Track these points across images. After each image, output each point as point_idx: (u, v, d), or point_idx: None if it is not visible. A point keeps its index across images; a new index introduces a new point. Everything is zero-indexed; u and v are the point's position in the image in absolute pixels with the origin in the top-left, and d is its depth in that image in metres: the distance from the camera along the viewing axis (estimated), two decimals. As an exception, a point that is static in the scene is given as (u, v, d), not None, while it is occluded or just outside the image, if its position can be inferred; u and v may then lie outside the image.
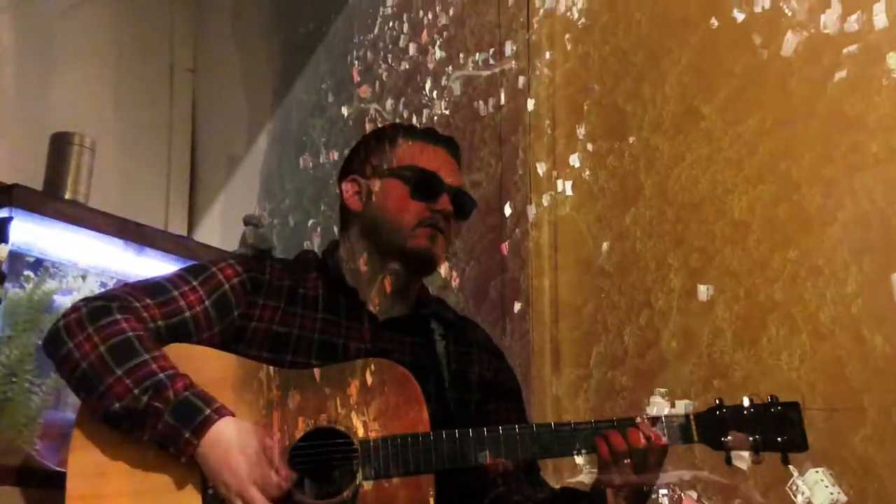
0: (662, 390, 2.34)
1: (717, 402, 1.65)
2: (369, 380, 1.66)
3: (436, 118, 3.13)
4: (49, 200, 2.71)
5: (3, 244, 2.50)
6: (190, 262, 2.56)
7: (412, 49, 3.29)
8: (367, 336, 1.81)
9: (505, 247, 2.84)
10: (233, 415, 1.61)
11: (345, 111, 3.39)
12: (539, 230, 2.80)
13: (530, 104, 2.89)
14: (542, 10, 2.94)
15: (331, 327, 1.80)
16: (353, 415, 1.64)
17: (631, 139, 2.64)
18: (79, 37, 3.60)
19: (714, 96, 2.51)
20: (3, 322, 2.48)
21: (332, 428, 1.64)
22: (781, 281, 2.28)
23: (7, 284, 2.51)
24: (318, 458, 1.63)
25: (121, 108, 3.64)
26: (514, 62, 2.97)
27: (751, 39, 2.45)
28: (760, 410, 1.63)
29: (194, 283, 1.76)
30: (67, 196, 2.85)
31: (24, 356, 2.47)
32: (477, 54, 3.09)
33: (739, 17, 2.47)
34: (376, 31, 3.43)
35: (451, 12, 3.21)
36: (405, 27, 3.34)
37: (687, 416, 1.64)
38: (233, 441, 1.58)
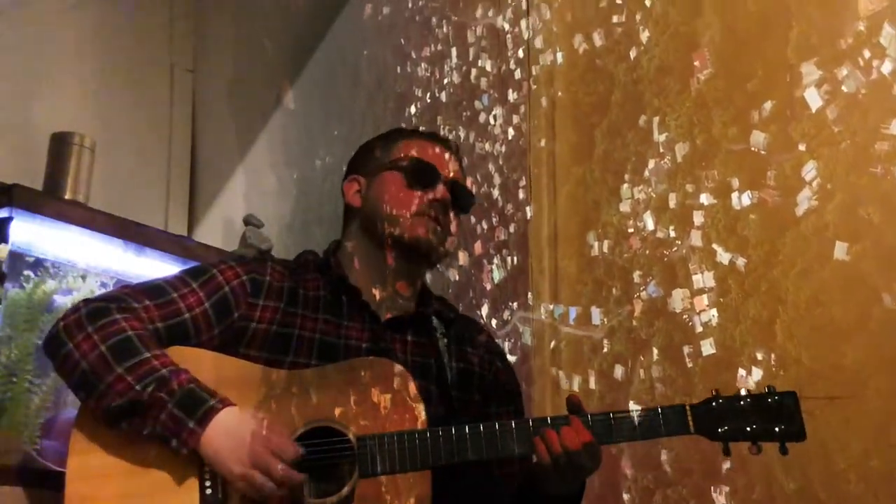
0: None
1: (714, 392, 1.64)
2: (366, 378, 1.67)
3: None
4: (49, 200, 2.71)
5: (3, 244, 2.50)
6: (190, 263, 2.58)
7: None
8: (369, 336, 1.81)
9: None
10: (235, 405, 1.62)
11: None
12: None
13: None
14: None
15: (331, 328, 1.80)
16: (350, 413, 1.65)
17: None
18: (79, 37, 3.61)
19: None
20: (3, 322, 2.48)
21: (329, 427, 1.64)
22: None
23: (7, 284, 2.51)
24: (316, 457, 1.63)
25: (121, 108, 3.64)
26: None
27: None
28: (757, 400, 1.62)
29: (194, 286, 1.77)
30: (67, 196, 2.85)
31: (24, 356, 2.47)
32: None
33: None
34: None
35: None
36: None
37: (683, 406, 1.63)
38: (236, 428, 1.58)
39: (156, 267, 2.85)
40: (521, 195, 2.71)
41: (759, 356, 2.07)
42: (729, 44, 2.32)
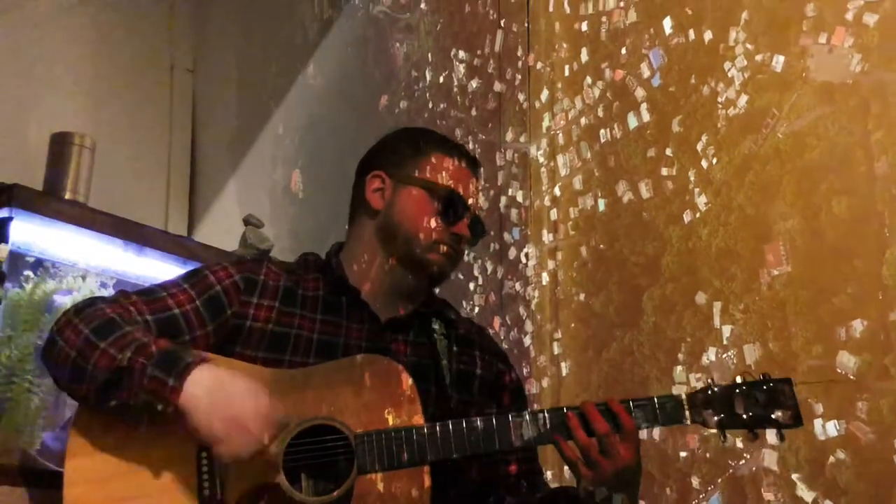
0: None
1: (709, 381, 1.64)
2: (363, 375, 1.67)
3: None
4: (49, 200, 2.71)
5: (3, 244, 2.50)
6: (190, 263, 2.58)
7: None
8: (368, 336, 1.80)
9: None
10: (211, 362, 1.61)
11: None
12: None
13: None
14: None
15: (330, 328, 1.80)
16: (348, 410, 1.65)
17: None
18: (79, 37, 3.62)
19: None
20: (3, 322, 2.48)
21: (327, 424, 1.64)
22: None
23: (7, 284, 2.51)
24: (314, 455, 1.63)
25: (121, 108, 3.65)
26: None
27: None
28: (753, 388, 1.61)
29: (185, 285, 1.77)
30: (67, 196, 2.85)
31: (24, 356, 2.47)
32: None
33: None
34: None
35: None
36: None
37: (679, 396, 1.63)
38: (217, 386, 1.57)
39: (156, 267, 2.85)
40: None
41: None
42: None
